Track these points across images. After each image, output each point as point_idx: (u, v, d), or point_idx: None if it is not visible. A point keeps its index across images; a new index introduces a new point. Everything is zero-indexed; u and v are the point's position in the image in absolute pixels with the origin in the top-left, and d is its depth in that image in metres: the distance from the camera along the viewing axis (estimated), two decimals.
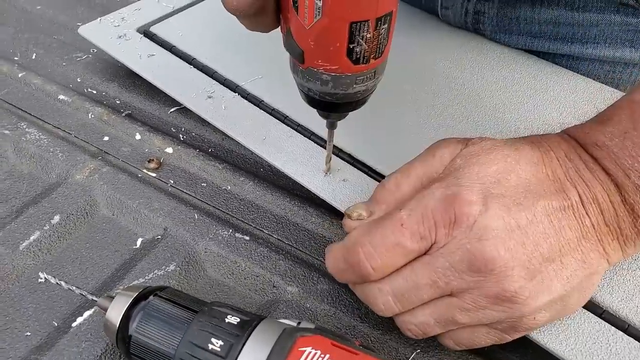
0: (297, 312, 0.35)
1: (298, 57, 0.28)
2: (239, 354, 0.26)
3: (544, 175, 0.29)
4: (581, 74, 0.47)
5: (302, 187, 0.40)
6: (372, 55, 0.27)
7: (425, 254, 0.29)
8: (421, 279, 0.28)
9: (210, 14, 0.53)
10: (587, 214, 0.29)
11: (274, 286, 0.37)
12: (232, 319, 0.28)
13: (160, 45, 0.50)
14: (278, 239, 0.39)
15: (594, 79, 0.47)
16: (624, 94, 0.44)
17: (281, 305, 0.36)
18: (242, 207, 0.41)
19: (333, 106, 0.31)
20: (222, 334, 0.27)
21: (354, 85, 0.29)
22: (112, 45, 0.50)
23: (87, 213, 0.41)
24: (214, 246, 0.38)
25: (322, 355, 0.26)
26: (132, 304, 0.29)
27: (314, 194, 0.39)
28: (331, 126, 0.35)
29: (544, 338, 0.31)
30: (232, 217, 0.41)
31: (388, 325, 0.34)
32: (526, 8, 0.47)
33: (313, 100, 0.31)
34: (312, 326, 0.28)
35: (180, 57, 0.49)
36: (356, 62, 0.27)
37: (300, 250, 0.39)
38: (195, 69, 0.48)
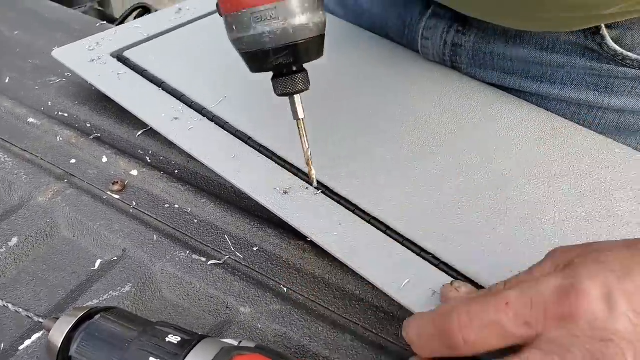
0: (248, 333, 0.35)
1: (218, 10, 0.31)
2: None
3: None
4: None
5: (263, 208, 0.40)
6: None
7: (531, 345, 0.26)
8: None
9: (182, 41, 0.54)
10: None
11: (227, 307, 0.37)
12: (173, 339, 0.28)
13: (132, 69, 0.51)
14: (235, 260, 0.40)
15: None
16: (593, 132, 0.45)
17: (233, 326, 0.36)
18: (201, 228, 0.42)
19: (253, 59, 0.32)
20: (160, 353, 0.27)
21: (254, 25, 0.29)
22: (85, 68, 0.51)
23: (46, 235, 0.41)
24: (171, 267, 0.39)
25: None
26: (75, 325, 0.29)
27: (273, 214, 0.40)
28: (294, 114, 0.35)
29: None
30: (191, 238, 0.41)
31: (337, 344, 0.35)
32: (499, 44, 0.49)
33: (243, 58, 0.32)
34: (252, 345, 0.29)
35: (151, 81, 0.50)
36: None
37: (257, 272, 0.39)
38: (164, 92, 0.49)
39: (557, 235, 0.37)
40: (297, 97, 0.34)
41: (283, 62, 0.31)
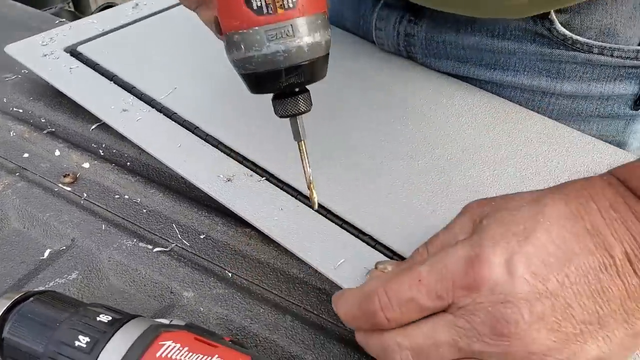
0: (190, 316, 0.36)
1: (217, 28, 0.29)
2: (102, 349, 0.27)
3: (582, 230, 0.27)
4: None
5: (212, 198, 0.41)
6: (278, 4, 0.26)
7: (446, 311, 0.28)
8: (442, 337, 0.27)
9: (137, 36, 0.55)
10: (635, 272, 0.26)
11: (171, 292, 0.38)
12: (104, 318, 0.29)
13: (85, 64, 0.52)
14: (181, 248, 0.41)
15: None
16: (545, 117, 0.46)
17: (176, 310, 0.37)
18: (149, 218, 0.43)
19: (262, 80, 0.28)
20: (90, 332, 0.28)
21: (268, 44, 0.26)
22: (37, 63, 0.51)
23: None
24: (118, 255, 0.39)
25: (181, 348, 0.27)
26: (9, 308, 0.29)
27: (221, 204, 0.40)
28: (296, 135, 0.32)
29: None
30: (139, 227, 0.42)
31: (277, 325, 0.36)
32: (451, 33, 0.50)
33: (246, 79, 0.29)
34: (182, 324, 0.29)
35: (103, 75, 0.50)
36: (259, 12, 0.26)
37: (202, 258, 0.40)
38: (115, 85, 0.49)
39: None
40: (299, 118, 0.31)
41: (294, 81, 0.29)
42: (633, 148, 0.51)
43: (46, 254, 0.40)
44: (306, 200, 0.39)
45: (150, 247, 0.40)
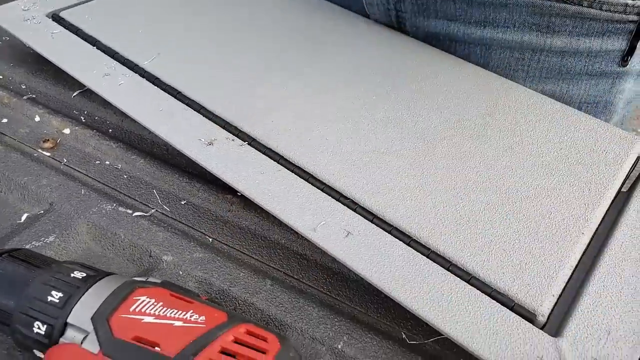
0: (169, 279, 0.36)
1: None
2: (75, 303, 0.27)
3: None
4: (495, 64, 0.49)
5: (194, 164, 0.40)
6: None
7: None
8: None
9: (120, 3, 0.54)
10: None
11: (150, 255, 0.37)
12: (78, 274, 0.28)
13: (67, 29, 0.51)
14: (162, 213, 0.40)
15: (506, 68, 0.49)
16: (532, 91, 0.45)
17: (155, 273, 0.36)
18: (130, 183, 0.42)
19: None
20: (63, 287, 0.27)
21: None
22: (18, 27, 0.50)
23: None
24: (97, 219, 0.39)
25: (155, 303, 0.26)
26: None
27: (204, 170, 0.40)
28: None
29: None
30: (119, 193, 0.41)
31: (257, 288, 0.35)
32: None
33: None
34: (158, 281, 0.29)
35: (85, 40, 0.49)
36: None
37: (183, 223, 0.40)
38: (98, 51, 0.48)
39: (478, 183, 0.38)
40: None
41: None
42: (618, 109, 0.52)
43: (23, 217, 0.40)
44: (287, 164, 0.39)
45: (130, 211, 0.40)
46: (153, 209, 0.40)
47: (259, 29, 0.52)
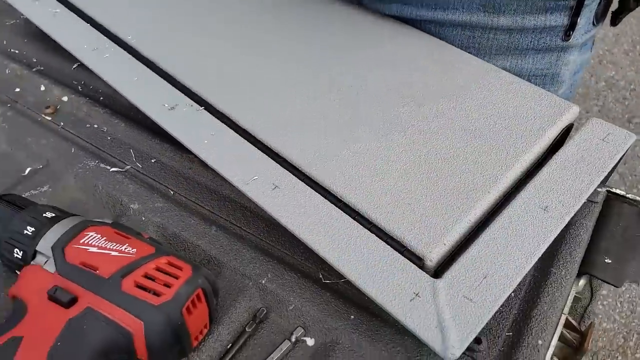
0: (133, 224, 0.44)
1: None
2: (42, 236, 0.35)
3: None
4: (447, 41, 0.53)
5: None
6: None
7: None
8: None
9: None
10: None
11: (121, 204, 0.45)
12: (49, 214, 0.36)
13: (67, 7, 0.58)
14: (134, 169, 0.48)
15: (458, 46, 0.52)
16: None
17: (123, 219, 0.44)
18: (112, 143, 0.50)
19: None
20: (35, 224, 0.35)
21: None
22: (28, 8, 0.58)
23: None
24: (82, 173, 0.47)
25: (100, 238, 0.34)
26: None
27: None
28: None
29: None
30: (102, 151, 0.49)
31: (204, 233, 0.43)
32: None
33: None
34: (109, 221, 0.37)
35: (81, 18, 0.57)
36: None
37: (151, 178, 0.47)
38: (90, 26, 0.56)
39: (402, 144, 0.43)
40: None
41: None
42: (565, 79, 0.55)
43: (27, 171, 0.48)
44: (234, 125, 0.45)
45: (109, 167, 0.47)
46: (128, 165, 0.48)
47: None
